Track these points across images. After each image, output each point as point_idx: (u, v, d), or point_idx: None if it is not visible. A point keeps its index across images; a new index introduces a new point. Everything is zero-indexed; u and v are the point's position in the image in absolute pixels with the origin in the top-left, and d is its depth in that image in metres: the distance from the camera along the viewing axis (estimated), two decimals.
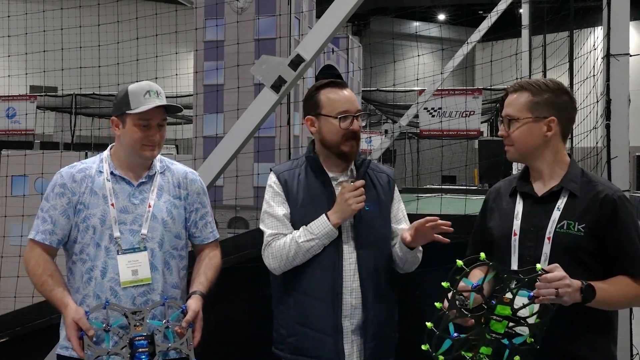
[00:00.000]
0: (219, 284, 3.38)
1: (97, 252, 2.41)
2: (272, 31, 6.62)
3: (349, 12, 3.34)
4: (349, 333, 2.45)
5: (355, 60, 9.55)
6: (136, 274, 2.40)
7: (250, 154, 5.84)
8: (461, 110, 11.67)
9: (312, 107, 2.55)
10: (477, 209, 2.56)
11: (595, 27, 4.64)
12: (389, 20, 22.22)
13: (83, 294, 2.42)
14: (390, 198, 2.61)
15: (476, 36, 9.45)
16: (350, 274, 2.45)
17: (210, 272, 2.58)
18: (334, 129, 2.48)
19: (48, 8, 6.22)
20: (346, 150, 2.49)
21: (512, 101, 2.29)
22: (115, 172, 2.50)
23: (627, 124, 3.41)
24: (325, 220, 2.41)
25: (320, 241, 2.41)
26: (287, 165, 2.61)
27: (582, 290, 2.02)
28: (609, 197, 2.18)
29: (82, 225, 2.43)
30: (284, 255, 2.44)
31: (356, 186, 2.41)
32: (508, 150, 2.32)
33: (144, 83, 2.49)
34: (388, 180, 2.63)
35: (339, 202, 2.42)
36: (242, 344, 3.59)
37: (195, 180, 2.66)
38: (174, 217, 2.53)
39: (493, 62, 6.31)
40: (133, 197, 2.48)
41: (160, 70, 6.74)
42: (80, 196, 2.44)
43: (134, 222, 2.45)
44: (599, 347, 2.20)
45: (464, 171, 12.90)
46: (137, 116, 2.44)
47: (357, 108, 2.52)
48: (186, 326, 2.33)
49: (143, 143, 2.46)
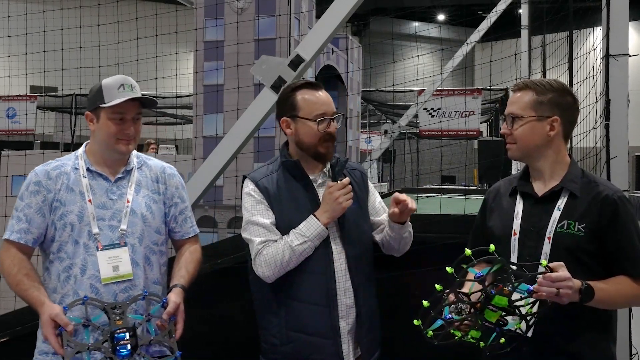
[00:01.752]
0: (218, 284, 3.39)
1: (75, 250, 2.36)
2: (272, 31, 6.63)
3: (349, 12, 3.35)
4: (345, 333, 2.45)
5: (355, 60, 9.55)
6: (117, 270, 2.36)
7: (250, 154, 5.85)
8: (461, 110, 11.68)
9: (288, 109, 2.52)
10: (477, 209, 2.56)
11: (595, 27, 4.64)
12: (389, 20, 22.23)
13: (61, 293, 2.36)
14: (365, 193, 2.63)
15: (476, 36, 9.47)
16: (342, 274, 2.45)
17: (192, 265, 2.55)
18: (311, 132, 2.47)
19: (48, 8, 6.23)
20: (323, 151, 2.48)
21: (516, 99, 2.29)
22: (92, 168, 2.45)
23: (626, 124, 3.42)
24: (315, 221, 2.40)
25: (312, 243, 2.40)
26: (262, 171, 2.57)
27: (581, 292, 2.02)
28: (609, 197, 2.19)
29: (59, 222, 2.38)
30: (277, 261, 2.39)
31: (344, 184, 2.42)
32: (510, 148, 2.32)
33: (118, 77, 2.44)
34: (361, 175, 2.65)
35: (327, 202, 2.41)
36: (242, 344, 3.59)
37: (174, 175, 2.62)
38: (154, 212, 2.50)
39: (492, 63, 6.31)
40: (111, 193, 2.44)
41: (160, 71, 6.74)
42: (56, 193, 2.39)
43: (112, 218, 2.41)
44: (598, 346, 2.21)
45: (464, 171, 12.91)
46: (111, 110, 2.39)
47: (333, 110, 2.51)
48: (167, 319, 2.30)
49: (118, 137, 2.41)
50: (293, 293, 2.44)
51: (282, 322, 2.45)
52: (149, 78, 6.09)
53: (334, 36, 3.60)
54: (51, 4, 7.17)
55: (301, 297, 2.43)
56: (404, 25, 25.08)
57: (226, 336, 3.63)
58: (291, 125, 2.52)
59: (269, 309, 2.49)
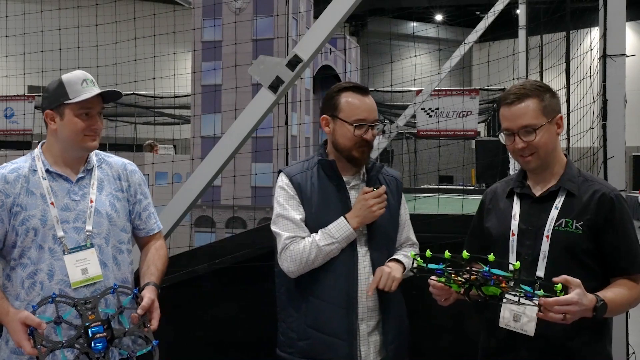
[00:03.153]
0: (217, 284, 3.39)
1: (40, 255, 2.28)
2: (269, 31, 6.63)
3: (347, 12, 3.35)
4: (365, 335, 2.45)
5: (353, 60, 9.56)
6: (86, 273, 2.29)
7: (248, 154, 5.86)
8: (458, 110, 11.68)
9: (330, 108, 2.53)
10: (474, 208, 2.57)
11: (592, 27, 4.66)
12: (387, 20, 22.25)
13: (27, 301, 2.27)
14: (398, 202, 2.64)
15: (473, 37, 9.47)
16: (364, 277, 2.46)
17: (160, 262, 2.48)
18: (347, 135, 2.48)
19: (46, 8, 6.22)
20: (357, 156, 2.49)
21: (522, 111, 2.22)
22: (51, 169, 2.37)
23: (623, 124, 3.43)
24: (345, 223, 2.42)
25: (340, 245, 2.42)
26: (298, 167, 2.58)
27: (596, 309, 2.01)
28: (606, 195, 2.20)
29: (21, 228, 2.28)
30: (304, 259, 2.41)
31: (380, 193, 2.43)
32: (529, 160, 2.24)
33: (78, 72, 2.37)
34: (396, 184, 2.65)
35: (360, 207, 2.42)
36: (242, 344, 3.60)
37: (135, 171, 2.56)
38: (118, 210, 2.44)
39: (490, 63, 6.32)
40: (73, 194, 2.36)
41: (158, 71, 6.74)
42: (16, 198, 2.29)
43: (77, 220, 2.33)
44: (595, 346, 2.22)
45: (461, 171, 12.91)
46: (77, 105, 2.32)
47: (374, 117, 2.51)
48: (142, 313, 2.21)
49: (85, 133, 2.34)
50: (315, 290, 2.45)
51: (302, 317, 2.47)
52: (147, 78, 6.09)
53: (332, 36, 3.60)
54: (49, 4, 7.17)
55: (322, 295, 2.44)
56: (402, 26, 25.09)
57: (225, 336, 3.63)
58: (330, 124, 2.53)
59: (291, 303, 2.51)
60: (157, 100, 14.11)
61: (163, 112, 15.51)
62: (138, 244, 2.60)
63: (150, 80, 6.07)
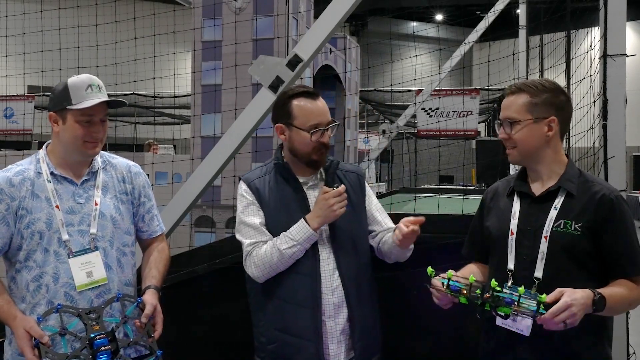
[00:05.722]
0: (216, 284, 3.39)
1: (45, 258, 2.27)
2: (269, 31, 6.62)
3: (347, 12, 3.34)
4: (334, 333, 2.44)
5: (353, 60, 9.56)
6: (91, 276, 2.29)
7: (248, 154, 5.84)
8: (459, 110, 11.68)
9: (284, 116, 2.52)
10: (475, 208, 2.56)
11: (592, 27, 4.65)
12: (387, 20, 22.25)
13: (32, 303, 2.27)
14: (362, 196, 2.62)
15: (473, 36, 9.48)
16: (328, 274, 2.45)
17: (162, 265, 2.49)
18: (305, 141, 2.48)
19: (46, 8, 6.22)
20: (316, 159, 2.50)
21: (510, 103, 2.28)
22: (56, 171, 2.35)
23: (623, 124, 3.43)
24: (305, 225, 2.41)
25: (302, 246, 2.41)
26: (257, 172, 2.59)
27: (595, 302, 2.02)
28: (606, 196, 2.20)
29: (26, 231, 2.27)
30: (266, 263, 2.42)
31: (339, 192, 2.41)
32: (510, 153, 2.31)
33: (84, 76, 2.34)
34: (357, 178, 2.64)
35: (321, 207, 2.41)
36: (242, 344, 3.59)
37: (139, 174, 2.55)
38: (122, 213, 2.44)
39: (490, 63, 6.31)
40: (77, 197, 2.35)
41: (158, 71, 6.74)
42: (21, 201, 2.28)
43: (81, 222, 2.32)
44: (595, 347, 2.22)
45: (462, 171, 12.91)
46: (79, 112, 2.29)
47: (328, 120, 2.51)
48: (146, 321, 2.22)
49: (85, 140, 2.32)
50: (280, 293, 2.46)
51: (270, 321, 2.47)
52: (147, 78, 6.09)
53: (332, 36, 3.60)
54: (49, 4, 7.17)
55: (287, 297, 2.45)
56: (402, 25, 25.08)
57: (225, 336, 3.63)
58: (285, 132, 2.53)
59: (259, 308, 2.53)
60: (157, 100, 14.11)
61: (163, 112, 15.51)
62: (141, 246, 2.60)
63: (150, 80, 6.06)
